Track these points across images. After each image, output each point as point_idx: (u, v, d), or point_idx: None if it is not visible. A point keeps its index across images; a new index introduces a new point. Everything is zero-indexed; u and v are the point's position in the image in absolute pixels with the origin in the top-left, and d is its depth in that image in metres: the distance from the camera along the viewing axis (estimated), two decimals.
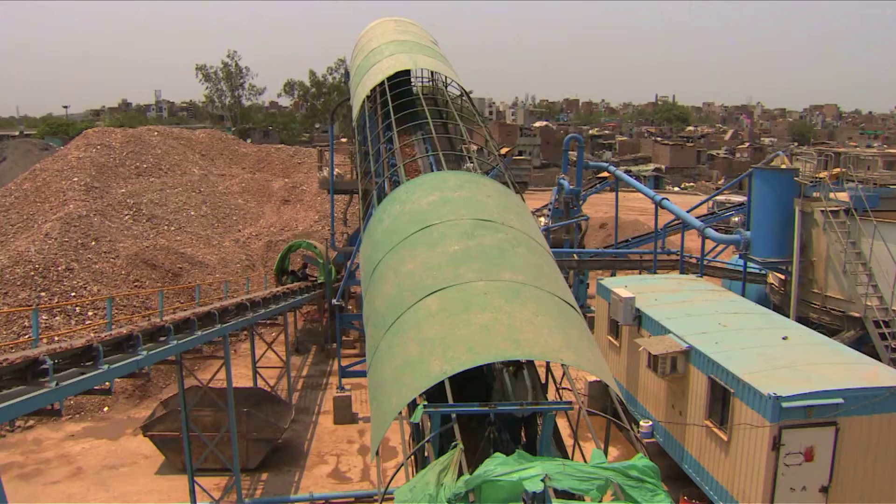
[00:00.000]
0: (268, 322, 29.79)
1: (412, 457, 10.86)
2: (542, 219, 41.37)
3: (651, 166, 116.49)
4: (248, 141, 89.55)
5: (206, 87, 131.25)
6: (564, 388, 12.45)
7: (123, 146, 59.37)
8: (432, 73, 31.80)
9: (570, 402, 10.42)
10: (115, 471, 24.87)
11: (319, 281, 36.00)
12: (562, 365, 10.53)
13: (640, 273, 36.59)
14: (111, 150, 58.11)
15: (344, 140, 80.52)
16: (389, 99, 24.05)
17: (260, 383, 29.01)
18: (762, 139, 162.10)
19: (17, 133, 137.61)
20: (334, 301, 30.68)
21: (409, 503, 8.12)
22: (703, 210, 49.04)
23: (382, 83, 25.20)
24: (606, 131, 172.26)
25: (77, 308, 34.04)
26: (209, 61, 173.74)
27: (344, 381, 29.32)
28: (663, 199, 36.06)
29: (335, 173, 36.32)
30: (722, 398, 18.83)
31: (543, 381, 12.90)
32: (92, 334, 14.60)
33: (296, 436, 26.88)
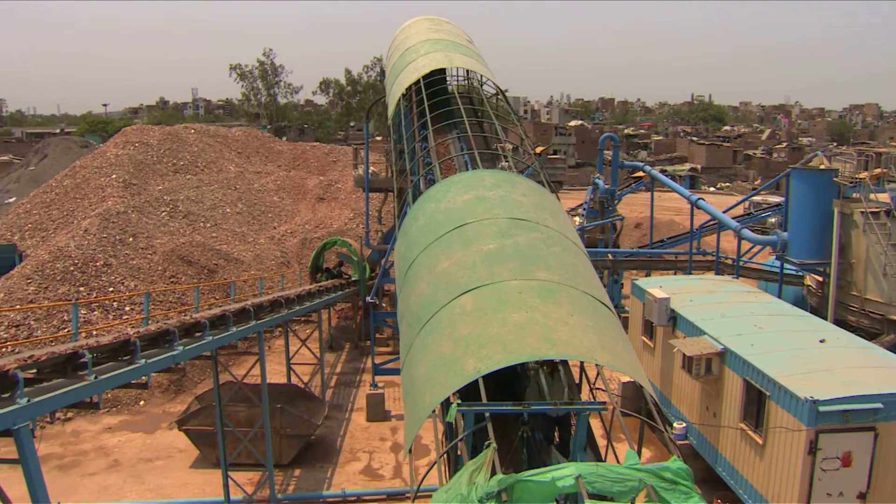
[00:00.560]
0: (302, 319, 29.97)
1: (445, 455, 10.86)
2: (577, 218, 41.19)
3: (686, 166, 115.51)
4: (284, 139, 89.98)
5: (242, 86, 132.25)
6: (598, 389, 12.38)
7: (161, 143, 59.99)
8: (467, 71, 31.78)
9: (604, 403, 10.36)
10: (150, 464, 25.15)
11: (353, 278, 36.10)
12: (596, 365, 10.48)
13: (675, 274, 36.30)
14: (149, 147, 58.75)
15: (379, 138, 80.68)
16: (425, 97, 24.08)
17: (294, 380, 29.14)
18: (800, 139, 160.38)
19: (57, 131, 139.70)
20: (368, 299, 30.75)
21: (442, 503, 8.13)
22: (740, 210, 48.58)
23: (418, 82, 25.24)
24: (642, 131, 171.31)
25: (115, 303, 34.43)
26: (246, 60, 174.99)
27: (377, 378, 29.40)
28: (699, 199, 35.76)
29: (370, 171, 36.39)
30: (757, 401, 18.62)
31: (577, 381, 12.84)
32: (129, 329, 14.76)
33: (329, 432, 26.98)
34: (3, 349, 28.53)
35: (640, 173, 47.82)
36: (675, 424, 22.87)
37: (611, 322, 10.74)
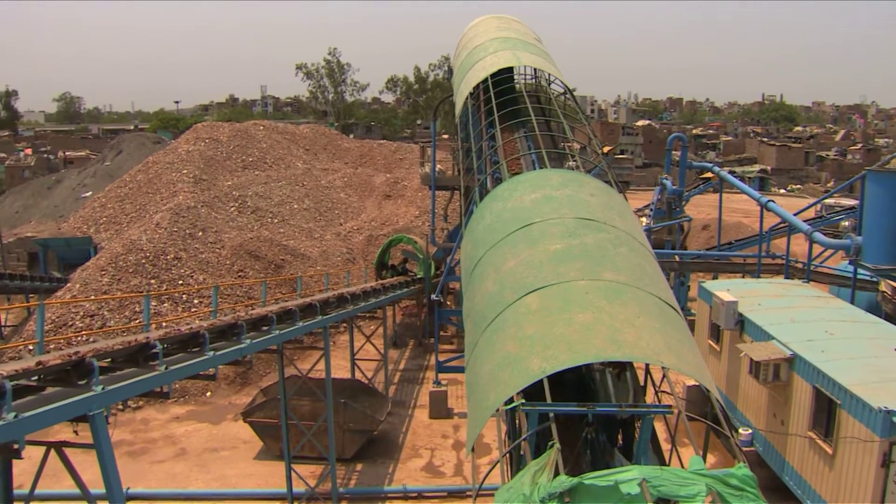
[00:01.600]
0: (367, 315, 30.13)
1: (507, 454, 10.86)
2: (644, 219, 40.78)
3: (756, 167, 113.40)
4: (351, 136, 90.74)
5: (309, 84, 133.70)
6: (663, 392, 12.26)
7: (230, 140, 60.94)
8: (535, 70, 31.70)
9: (670, 406, 10.25)
10: (215, 454, 25.61)
11: (418, 276, 36.24)
12: (662, 368, 10.38)
13: (743, 277, 35.70)
14: (219, 143, 59.74)
15: (446, 136, 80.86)
16: (493, 96, 24.08)
17: (358, 375, 29.36)
18: (876, 140, 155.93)
19: (131, 127, 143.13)
20: (433, 296, 30.83)
21: (505, 503, 8.14)
22: (811, 213, 47.48)
23: (485, 80, 25.26)
24: (710, 131, 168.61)
25: (184, 296, 35.13)
26: (314, 59, 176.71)
27: (440, 375, 29.48)
28: (769, 201, 35.06)
29: (437, 169, 36.49)
30: (827, 409, 18.19)
31: (642, 384, 12.73)
32: (197, 321, 15.04)
33: (391, 428, 27.14)
34: (79, 338, 29.30)
35: (709, 174, 47.10)
36: (740, 431, 22.50)
37: (677, 325, 10.63)
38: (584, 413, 10.03)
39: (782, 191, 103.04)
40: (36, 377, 10.17)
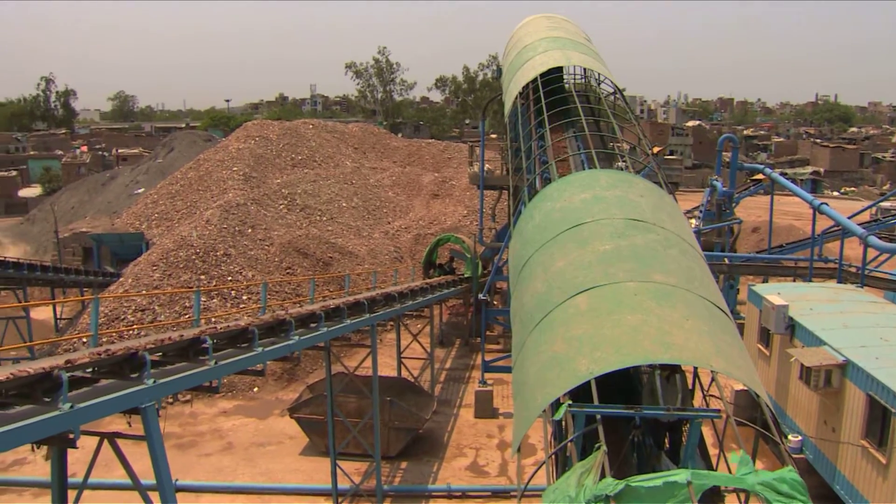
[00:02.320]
0: (414, 314, 30.24)
1: (553, 456, 10.82)
2: (693, 220, 40.34)
3: (809, 169, 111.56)
4: (400, 135, 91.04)
5: (358, 83, 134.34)
6: (712, 396, 12.12)
7: (280, 138, 61.52)
8: (585, 69, 31.53)
9: (718, 411, 10.12)
10: (262, 448, 25.90)
11: (466, 275, 36.26)
12: (711, 371, 10.27)
13: (794, 281, 35.16)
14: (269, 141, 60.33)
15: (494, 136, 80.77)
16: (542, 95, 23.99)
17: (404, 373, 29.50)
18: None
19: (183, 125, 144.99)
20: (480, 296, 30.83)
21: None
22: (866, 217, 46.65)
23: (535, 80, 25.18)
24: (762, 132, 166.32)
25: (233, 292, 35.55)
26: (363, 58, 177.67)
27: (486, 375, 29.49)
28: (822, 203, 34.46)
29: (485, 169, 36.48)
30: (881, 417, 17.83)
31: (690, 387, 12.60)
32: (246, 317, 15.21)
33: (436, 427, 27.21)
34: (130, 332, 29.79)
35: (760, 176, 46.50)
36: (789, 437, 22.17)
37: (727, 328, 10.51)
38: (632, 415, 9.95)
39: (836, 193, 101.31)
40: (90, 369, 10.37)
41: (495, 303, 36.98)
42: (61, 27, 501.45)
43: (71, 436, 9.52)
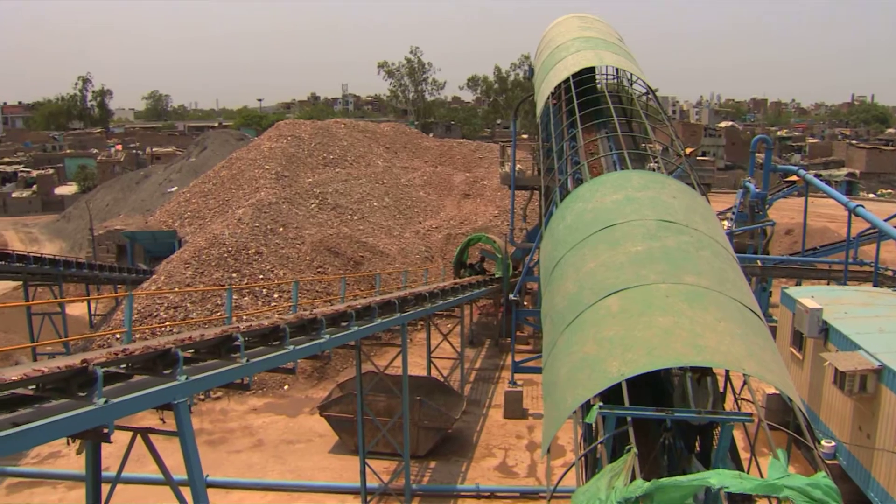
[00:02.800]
0: (444, 313, 30.28)
1: (583, 458, 10.80)
2: (726, 222, 40.04)
3: (844, 171, 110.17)
4: (431, 135, 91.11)
5: (390, 83, 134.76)
6: (744, 399, 12.03)
7: (312, 137, 61.81)
8: (617, 69, 31.40)
9: (750, 414, 10.04)
10: (291, 446, 26.05)
11: (496, 275, 36.24)
12: (743, 375, 10.19)
13: (828, 284, 34.78)
14: (300, 141, 60.63)
15: (525, 136, 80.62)
16: (574, 95, 23.92)
17: (434, 373, 29.54)
18: None
19: (216, 124, 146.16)
20: (511, 296, 30.78)
21: None
22: None
23: (567, 80, 25.11)
24: (796, 133, 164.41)
25: (264, 290, 35.77)
26: (395, 58, 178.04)
27: (516, 376, 29.45)
28: (858, 205, 34.03)
29: (517, 169, 36.43)
30: None
31: (721, 390, 12.51)
32: (276, 316, 15.30)
33: (465, 427, 27.22)
34: (163, 328, 30.09)
35: (794, 177, 46.05)
36: (823, 443, 21.92)
37: (760, 331, 10.42)
38: (663, 418, 9.90)
39: (872, 195, 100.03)
40: (124, 365, 10.49)
41: (525, 303, 36.93)
42: (98, 28, 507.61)
43: (105, 430, 9.64)
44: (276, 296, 35.72)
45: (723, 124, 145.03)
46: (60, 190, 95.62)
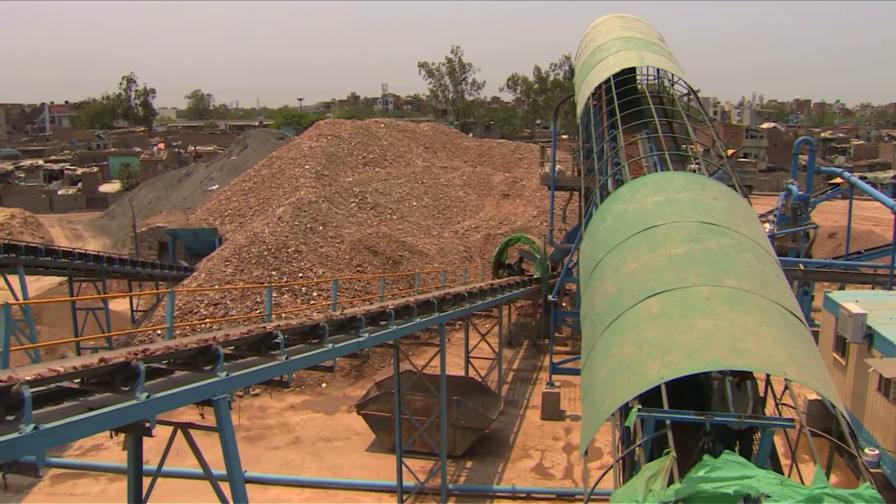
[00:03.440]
0: (483, 313, 30.25)
1: (620, 460, 10.74)
2: (767, 225, 39.56)
3: (890, 173, 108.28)
4: (470, 135, 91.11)
5: (430, 83, 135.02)
6: (785, 405, 11.88)
7: (352, 137, 62.10)
8: (658, 70, 31.21)
9: (792, 420, 9.92)
10: (328, 443, 26.19)
11: (535, 276, 36.15)
12: (785, 380, 10.07)
13: (873, 288, 34.24)
14: (340, 140, 60.93)
15: (565, 137, 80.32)
16: (615, 96, 23.81)
17: (471, 373, 29.51)
18: None
19: (257, 123, 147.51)
20: (550, 297, 30.67)
21: None
22: None
23: (608, 80, 24.99)
24: (840, 134, 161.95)
25: (303, 288, 36.00)
26: (434, 58, 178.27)
27: (554, 377, 29.33)
28: None
29: (556, 170, 36.32)
30: None
31: (762, 395, 12.37)
32: (316, 314, 15.38)
33: (502, 427, 27.17)
34: (203, 325, 30.40)
35: (838, 180, 45.38)
36: (866, 450, 21.58)
37: (802, 335, 10.31)
38: (702, 422, 9.82)
39: None
40: (166, 361, 10.61)
41: (564, 304, 36.78)
42: (143, 30, 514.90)
43: (147, 424, 9.77)
44: (315, 294, 35.93)
45: (765, 125, 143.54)
46: (104, 188, 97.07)
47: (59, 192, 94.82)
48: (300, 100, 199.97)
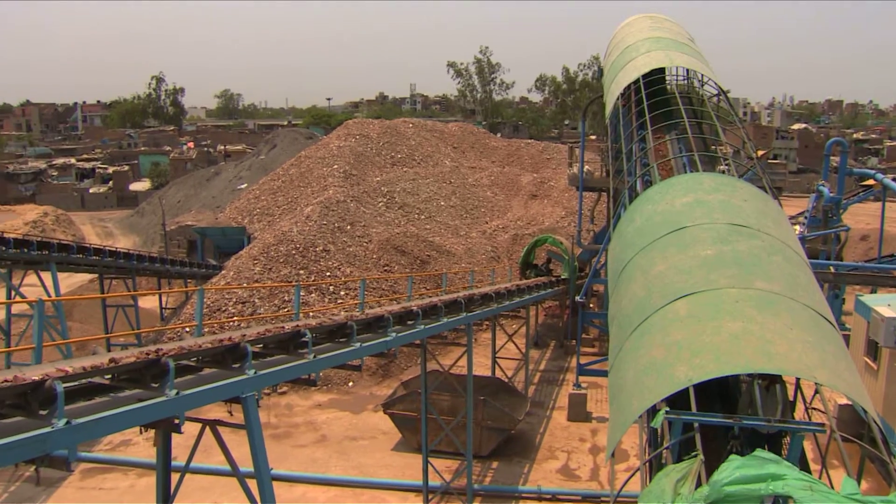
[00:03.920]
0: (510, 314, 30.22)
1: (647, 463, 10.69)
2: (798, 227, 39.21)
3: None
4: (498, 135, 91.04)
5: (459, 83, 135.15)
6: (815, 409, 11.78)
7: (380, 136, 62.26)
8: (688, 70, 31.00)
9: (822, 425, 9.82)
10: (354, 442, 26.28)
11: (563, 277, 36.05)
12: (815, 384, 9.98)
13: None
14: (369, 140, 61.11)
15: (593, 137, 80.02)
16: (644, 97, 23.69)
17: (498, 373, 29.49)
18: None
19: (285, 123, 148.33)
20: (577, 298, 30.56)
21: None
22: None
23: (637, 81, 24.87)
24: (873, 135, 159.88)
25: (331, 287, 36.14)
26: (462, 59, 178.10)
27: (581, 378, 29.22)
28: None
29: (585, 170, 36.20)
30: None
31: (791, 399, 12.27)
32: (343, 313, 15.44)
33: (529, 428, 27.13)
34: (231, 323, 30.60)
35: (870, 181, 44.86)
36: None
37: (833, 339, 10.20)
38: (731, 425, 9.76)
39: None
40: (195, 358, 10.70)
41: (592, 305, 36.65)
42: (174, 30, 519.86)
43: (176, 421, 9.85)
44: (342, 293, 36.06)
45: (795, 126, 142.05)
46: (135, 186, 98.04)
47: (91, 191, 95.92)
48: (329, 99, 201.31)
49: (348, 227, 42.51)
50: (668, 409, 9.52)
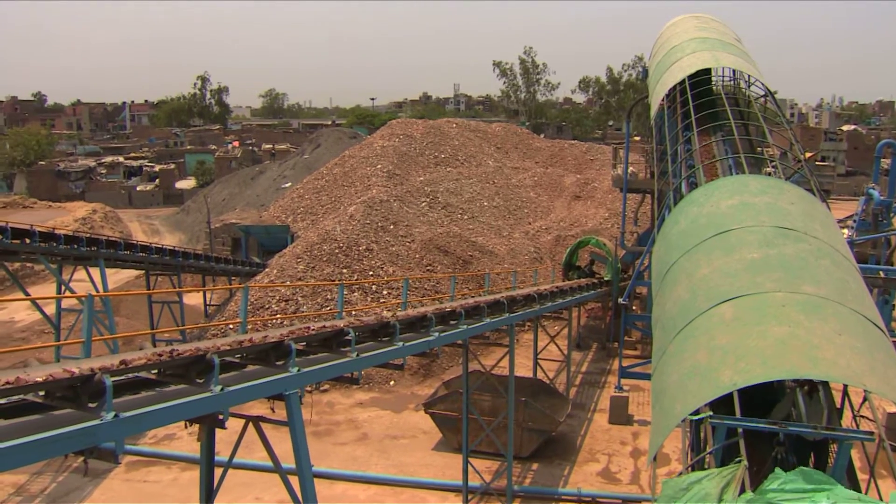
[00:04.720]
0: (552, 315, 30.10)
1: (689, 468, 10.59)
2: (847, 231, 38.58)
3: None
4: (542, 136, 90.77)
5: (503, 83, 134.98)
6: (863, 417, 11.58)
7: (423, 136, 62.40)
8: (734, 71, 30.67)
9: (871, 433, 9.64)
10: (395, 441, 26.36)
11: (606, 279, 35.86)
12: (864, 391, 9.80)
13: None
14: (412, 139, 61.26)
15: (638, 138, 79.46)
16: (690, 98, 23.49)
17: (539, 374, 29.41)
18: None
19: (329, 122, 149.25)
20: (620, 300, 30.36)
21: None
22: None
23: (682, 81, 24.66)
24: None
25: (373, 286, 36.29)
26: (506, 58, 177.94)
27: (623, 381, 29.02)
28: None
29: (629, 172, 35.95)
30: None
31: (838, 406, 12.07)
32: (385, 312, 15.49)
33: (569, 430, 27.03)
34: (274, 320, 30.86)
35: None
36: None
37: (883, 345, 10.01)
38: (777, 431, 9.61)
39: None
40: (239, 355, 10.81)
41: (635, 308, 36.38)
42: (222, 32, 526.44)
43: (220, 416, 9.96)
44: (385, 293, 36.19)
45: (845, 128, 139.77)
46: (180, 184, 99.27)
47: (138, 189, 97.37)
48: (372, 99, 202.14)
49: (391, 226, 42.65)
50: (711, 413, 9.42)
